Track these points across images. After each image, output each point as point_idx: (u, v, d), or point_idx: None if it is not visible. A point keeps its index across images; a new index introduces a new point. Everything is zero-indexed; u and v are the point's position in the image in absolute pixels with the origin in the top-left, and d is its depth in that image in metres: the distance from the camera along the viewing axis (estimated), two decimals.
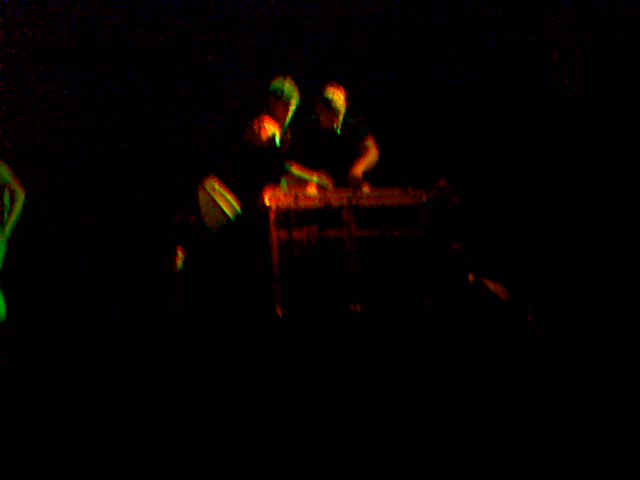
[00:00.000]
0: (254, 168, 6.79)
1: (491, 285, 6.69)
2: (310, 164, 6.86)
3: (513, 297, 6.67)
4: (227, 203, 6.63)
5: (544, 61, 7.87)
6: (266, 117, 6.83)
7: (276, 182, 6.72)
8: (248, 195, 6.69)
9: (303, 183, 6.76)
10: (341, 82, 6.95)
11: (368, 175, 6.89)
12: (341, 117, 6.91)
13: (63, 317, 6.85)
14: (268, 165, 6.80)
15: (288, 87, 6.91)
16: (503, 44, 7.84)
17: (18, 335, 6.41)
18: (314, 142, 6.93)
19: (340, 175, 6.82)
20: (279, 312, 6.40)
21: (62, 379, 5.63)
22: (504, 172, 7.74)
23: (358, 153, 6.94)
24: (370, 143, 6.98)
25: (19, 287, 6.72)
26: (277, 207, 6.47)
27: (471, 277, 6.71)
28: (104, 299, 7.11)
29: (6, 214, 6.59)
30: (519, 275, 7.00)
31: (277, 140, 6.84)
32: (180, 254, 6.66)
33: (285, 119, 6.93)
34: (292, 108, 6.93)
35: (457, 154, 7.67)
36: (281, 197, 6.51)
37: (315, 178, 6.79)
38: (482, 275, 6.76)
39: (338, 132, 6.94)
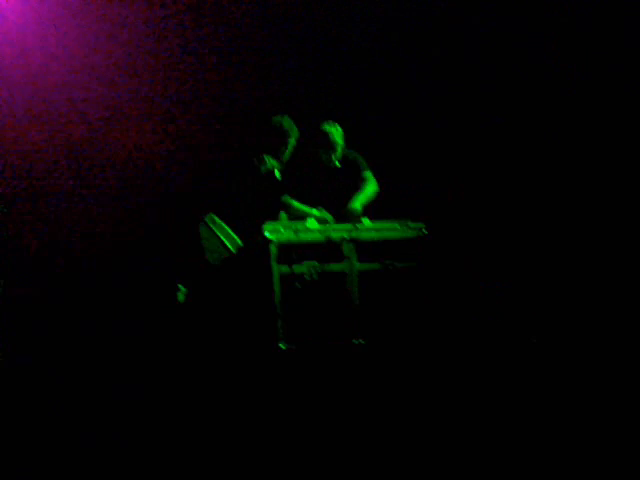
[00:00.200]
0: (254, 202, 6.82)
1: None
2: (309, 198, 6.89)
3: (516, 320, 6.72)
4: (228, 237, 6.65)
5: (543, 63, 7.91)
6: (266, 152, 6.88)
7: (276, 216, 6.75)
8: (249, 229, 6.70)
9: (303, 218, 6.78)
10: (338, 117, 7.01)
11: (367, 208, 6.92)
12: (339, 151, 6.96)
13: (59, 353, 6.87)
14: (268, 199, 6.83)
15: (287, 122, 6.96)
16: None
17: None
18: (313, 176, 6.97)
19: (339, 209, 6.85)
20: (281, 347, 6.40)
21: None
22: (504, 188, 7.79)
23: (357, 187, 6.98)
24: (368, 176, 7.02)
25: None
26: (278, 241, 6.48)
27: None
28: (103, 339, 7.11)
29: None
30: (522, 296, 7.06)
31: (277, 174, 6.88)
32: (182, 288, 6.67)
33: (285, 154, 6.98)
34: (291, 143, 6.98)
35: (456, 183, 7.73)
36: (282, 231, 6.52)
37: (315, 212, 6.82)
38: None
39: (337, 165, 6.98)
